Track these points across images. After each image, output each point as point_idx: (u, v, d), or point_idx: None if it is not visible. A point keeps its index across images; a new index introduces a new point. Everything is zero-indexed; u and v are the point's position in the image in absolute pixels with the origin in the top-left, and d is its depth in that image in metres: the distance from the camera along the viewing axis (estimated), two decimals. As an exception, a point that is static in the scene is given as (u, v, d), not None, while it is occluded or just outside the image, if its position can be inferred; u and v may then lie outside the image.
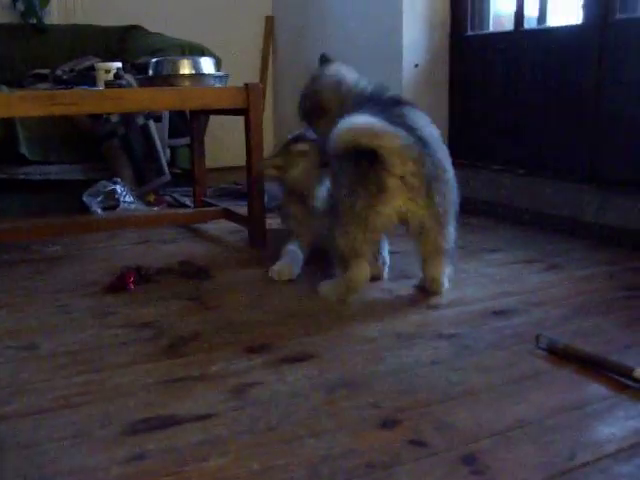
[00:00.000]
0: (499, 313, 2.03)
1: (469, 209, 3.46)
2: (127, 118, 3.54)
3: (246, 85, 2.67)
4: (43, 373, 1.62)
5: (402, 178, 1.97)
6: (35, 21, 4.14)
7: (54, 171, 3.53)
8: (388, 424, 1.37)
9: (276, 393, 1.50)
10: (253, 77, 4.90)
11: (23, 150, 3.37)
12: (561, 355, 1.71)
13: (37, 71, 3.84)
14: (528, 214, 3.27)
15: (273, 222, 2.88)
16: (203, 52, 3.79)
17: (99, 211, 3.49)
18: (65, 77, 3.51)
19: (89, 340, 1.83)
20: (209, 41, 4.05)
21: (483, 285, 2.30)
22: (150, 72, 2.84)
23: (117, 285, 2.23)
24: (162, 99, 2.50)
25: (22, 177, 3.47)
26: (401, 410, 1.43)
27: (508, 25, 3.89)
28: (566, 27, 3.29)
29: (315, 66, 2.52)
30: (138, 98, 2.48)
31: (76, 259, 2.70)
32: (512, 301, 2.13)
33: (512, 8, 3.76)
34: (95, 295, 2.21)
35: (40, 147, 3.45)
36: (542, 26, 3.48)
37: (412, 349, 1.76)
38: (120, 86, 2.67)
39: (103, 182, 3.56)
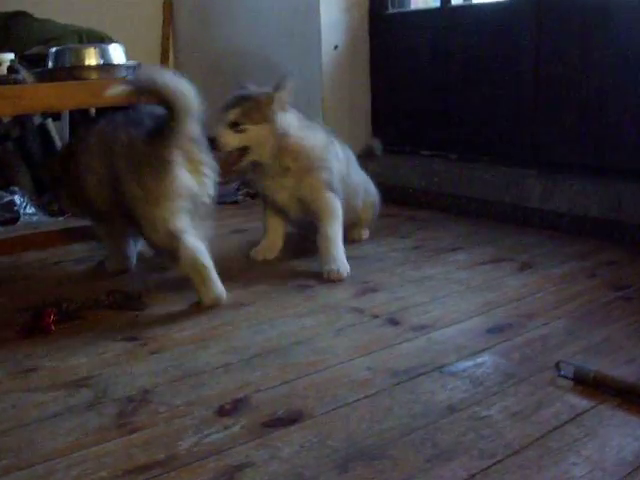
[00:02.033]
0: (495, 331, 1.76)
1: (404, 200, 3.21)
2: (22, 118, 3.08)
3: (168, 76, 2.28)
4: (-45, 472, 1.22)
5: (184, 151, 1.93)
6: None
7: (-63, 182, 3.05)
8: (433, 514, 1.05)
9: (275, 477, 1.15)
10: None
11: None
12: (592, 385, 1.44)
13: None
14: (472, 203, 3.03)
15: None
16: (103, 39, 3.37)
17: (-5, 226, 3.04)
18: (-58, 73, 3.01)
19: (10, 414, 1.41)
20: (100, 27, 3.61)
21: (461, 295, 2.03)
22: (50, 64, 2.41)
23: (34, 327, 1.81)
24: (70, 96, 2.10)
25: None
26: (440, 488, 1.11)
27: (422, 3, 3.67)
28: (499, 3, 3.05)
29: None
30: (41, 96, 2.07)
31: (-25, 291, 2.26)
32: (501, 314, 1.87)
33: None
34: (8, 342, 1.78)
35: None
36: (471, 2, 3.24)
37: (417, 392, 1.44)
38: (16, 82, 2.23)
39: (-2, 192, 3.10)
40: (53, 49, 2.43)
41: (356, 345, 1.69)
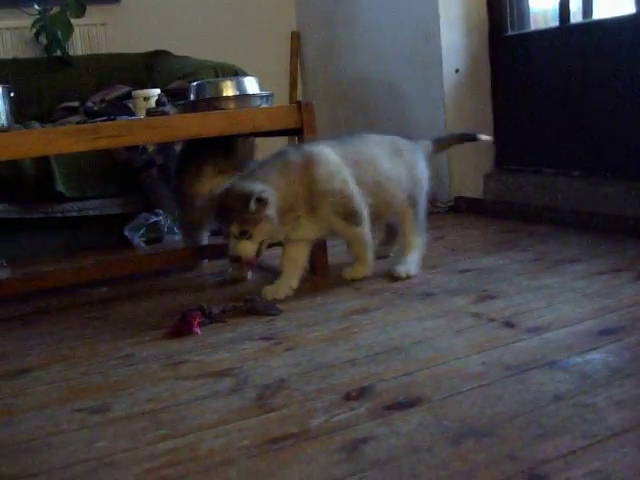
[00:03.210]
0: (607, 333, 1.83)
1: (525, 216, 3.28)
2: (164, 146, 3.37)
3: (298, 103, 2.50)
4: (122, 440, 1.43)
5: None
6: (59, 53, 4.00)
7: (93, 206, 3.37)
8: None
9: (394, 449, 1.31)
10: (282, 96, 4.73)
11: (60, 187, 3.22)
12: (699, 380, 1.51)
13: (66, 104, 3.68)
14: (593, 218, 3.06)
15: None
16: (236, 72, 3.62)
17: (142, 245, 3.33)
18: (96, 108, 3.33)
19: (164, 396, 1.64)
20: (233, 61, 3.89)
21: (576, 301, 2.11)
22: (191, 96, 2.66)
23: (181, 329, 2.04)
24: (213, 124, 2.33)
25: (59, 215, 3.31)
26: (543, 461, 1.23)
27: (543, 23, 3.73)
28: (619, 18, 3.10)
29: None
30: (187, 125, 2.31)
31: (128, 300, 2.52)
32: (615, 318, 1.94)
33: (548, 4, 3.61)
34: (159, 341, 2.03)
35: (77, 183, 3.30)
36: (591, 19, 3.29)
37: (527, 383, 1.56)
38: (164, 113, 2.49)
39: (144, 214, 3.40)
40: (194, 83, 2.68)
41: (473, 344, 1.82)
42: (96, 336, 2.14)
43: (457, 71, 3.69)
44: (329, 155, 2.38)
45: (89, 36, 4.28)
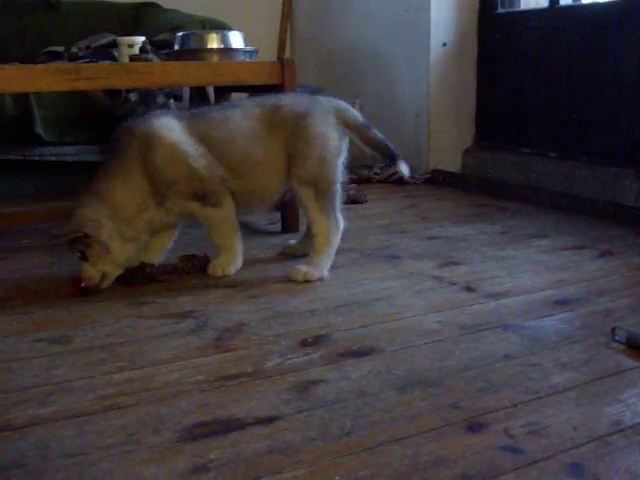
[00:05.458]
0: (562, 303, 1.88)
1: (500, 193, 3.32)
2: (147, 97, 3.36)
3: (281, 60, 2.52)
4: (80, 370, 1.47)
5: None
6: (47, -3, 3.97)
7: (70, 152, 3.36)
8: (474, 427, 1.22)
9: (343, 392, 1.35)
10: (270, 58, 4.71)
11: (39, 130, 3.21)
12: (643, 349, 1.57)
13: (51, 48, 3.66)
14: (565, 199, 3.11)
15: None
16: (224, 28, 3.62)
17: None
18: (81, 54, 3.33)
19: (125, 332, 1.68)
20: (222, 19, 3.88)
21: (537, 272, 2.16)
22: (176, 46, 2.67)
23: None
24: (194, 74, 2.34)
25: (37, 158, 3.31)
26: (485, 411, 1.28)
27: (534, 4, 3.75)
28: (607, 3, 3.13)
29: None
30: (168, 72, 2.32)
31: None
32: (572, 290, 1.99)
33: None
34: (122, 284, 2.06)
35: (56, 127, 3.28)
36: (580, 2, 3.32)
37: (479, 342, 1.61)
38: (146, 60, 2.50)
39: (121, 164, 3.39)
40: (179, 33, 2.69)
41: (431, 304, 1.87)
42: (64, 275, 2.16)
43: (444, 45, 3.72)
44: (170, 134, 2.05)
45: (79, -18, 4.24)
